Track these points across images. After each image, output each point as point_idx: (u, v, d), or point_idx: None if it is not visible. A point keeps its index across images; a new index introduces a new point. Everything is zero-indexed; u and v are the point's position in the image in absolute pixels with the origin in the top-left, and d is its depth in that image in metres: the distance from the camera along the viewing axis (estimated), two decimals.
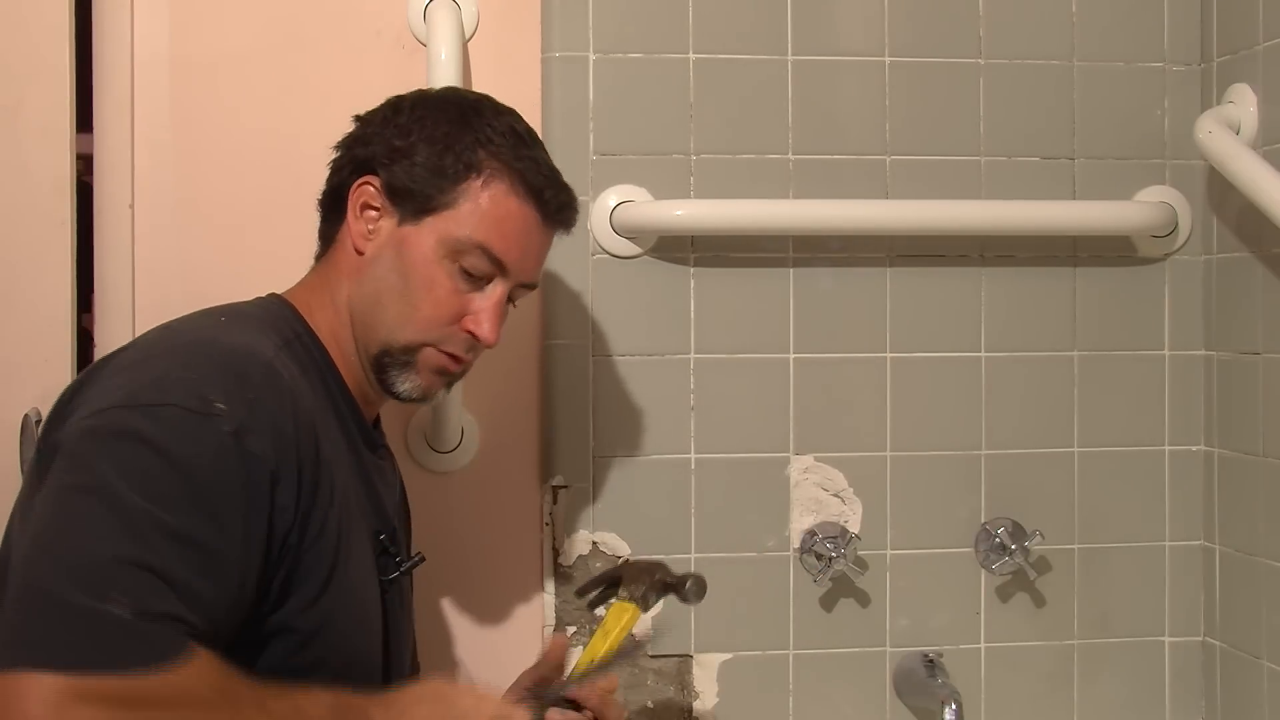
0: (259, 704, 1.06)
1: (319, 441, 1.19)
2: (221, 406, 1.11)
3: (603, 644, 1.35)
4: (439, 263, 1.29)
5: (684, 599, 1.43)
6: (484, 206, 1.29)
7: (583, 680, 1.32)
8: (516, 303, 1.38)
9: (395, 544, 1.35)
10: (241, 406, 1.12)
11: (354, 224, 1.32)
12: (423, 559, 1.39)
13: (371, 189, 1.31)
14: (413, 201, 1.30)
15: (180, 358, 1.16)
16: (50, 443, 1.14)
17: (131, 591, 1.01)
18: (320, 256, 1.38)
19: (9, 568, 1.08)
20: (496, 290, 1.32)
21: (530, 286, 1.37)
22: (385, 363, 1.31)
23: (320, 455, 1.19)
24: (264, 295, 1.36)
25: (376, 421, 1.42)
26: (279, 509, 1.13)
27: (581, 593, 1.51)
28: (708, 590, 1.45)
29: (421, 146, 1.30)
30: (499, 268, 1.31)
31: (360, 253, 1.32)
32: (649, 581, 1.40)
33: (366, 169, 1.32)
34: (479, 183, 1.29)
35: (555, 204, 1.34)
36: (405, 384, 1.32)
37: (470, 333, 1.31)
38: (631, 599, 1.38)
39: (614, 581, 1.45)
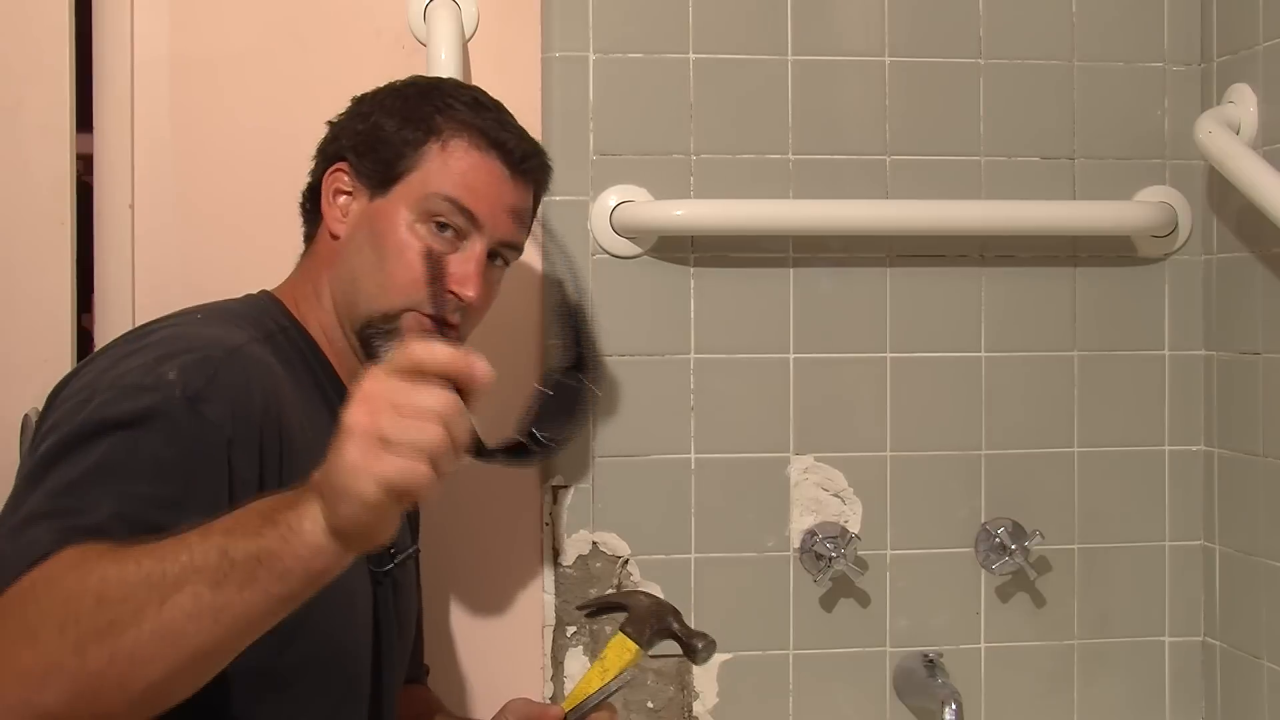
0: (118, 562, 0.94)
1: (292, 427, 1.18)
2: (173, 377, 1.09)
3: (599, 679, 1.33)
4: (411, 227, 1.30)
5: (691, 658, 1.39)
6: (448, 163, 1.31)
7: (576, 714, 1.31)
8: (508, 263, 1.38)
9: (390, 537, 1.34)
10: (198, 378, 1.10)
11: (328, 211, 1.34)
12: (416, 550, 1.38)
13: (342, 174, 1.34)
14: (378, 175, 1.32)
15: (144, 354, 1.15)
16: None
17: (36, 532, 0.97)
18: (305, 251, 1.39)
19: None
20: (475, 247, 1.31)
21: (514, 247, 1.36)
22: (369, 335, 1.30)
23: (292, 441, 1.17)
24: (254, 292, 1.36)
25: None
26: (240, 481, 1.10)
27: (583, 608, 1.49)
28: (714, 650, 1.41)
29: (383, 122, 1.33)
30: (471, 221, 1.31)
31: (336, 237, 1.33)
32: (657, 626, 1.37)
33: (336, 159, 1.35)
34: (438, 144, 1.31)
35: (520, 153, 1.34)
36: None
37: (452, 293, 1.30)
38: (637, 639, 1.36)
39: (620, 607, 1.41)
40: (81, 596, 0.91)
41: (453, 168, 1.31)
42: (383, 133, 1.32)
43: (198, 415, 1.08)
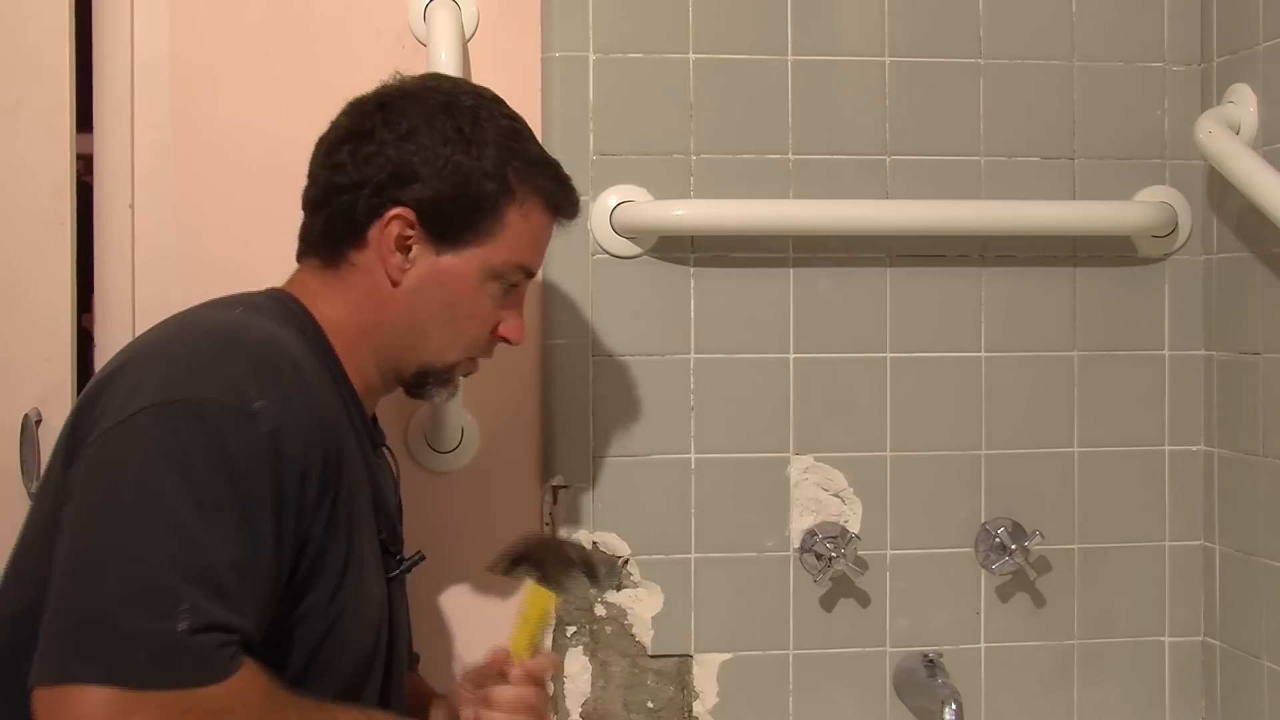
0: (301, 713, 1.11)
1: (340, 438, 1.20)
2: (260, 405, 1.11)
3: (524, 632, 1.34)
4: (482, 287, 1.32)
5: (594, 582, 1.41)
6: (523, 229, 1.33)
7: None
8: None
9: (395, 542, 1.37)
10: (276, 403, 1.12)
11: (389, 259, 1.29)
12: (423, 558, 1.39)
13: (404, 221, 1.28)
14: (452, 231, 1.30)
15: (210, 350, 1.16)
16: (79, 442, 1.13)
17: (186, 606, 1.02)
18: (324, 266, 1.33)
19: (35, 571, 1.10)
20: (521, 293, 1.38)
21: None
22: (426, 380, 1.35)
23: (340, 452, 1.19)
24: (263, 290, 1.35)
25: (374, 418, 1.42)
26: (305, 508, 1.14)
27: (492, 569, 1.45)
28: (620, 572, 1.42)
29: (446, 175, 1.28)
30: (529, 276, 1.37)
31: (396, 284, 1.30)
32: (556, 562, 1.38)
33: (392, 199, 1.28)
34: (516, 210, 1.32)
35: (571, 212, 1.39)
36: (442, 395, 1.38)
37: (504, 338, 1.37)
38: (544, 583, 1.37)
39: (524, 557, 1.41)
40: None
41: (525, 234, 1.33)
42: (449, 187, 1.28)
43: (280, 452, 1.11)
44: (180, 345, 1.18)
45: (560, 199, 1.37)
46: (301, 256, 1.37)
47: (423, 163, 1.29)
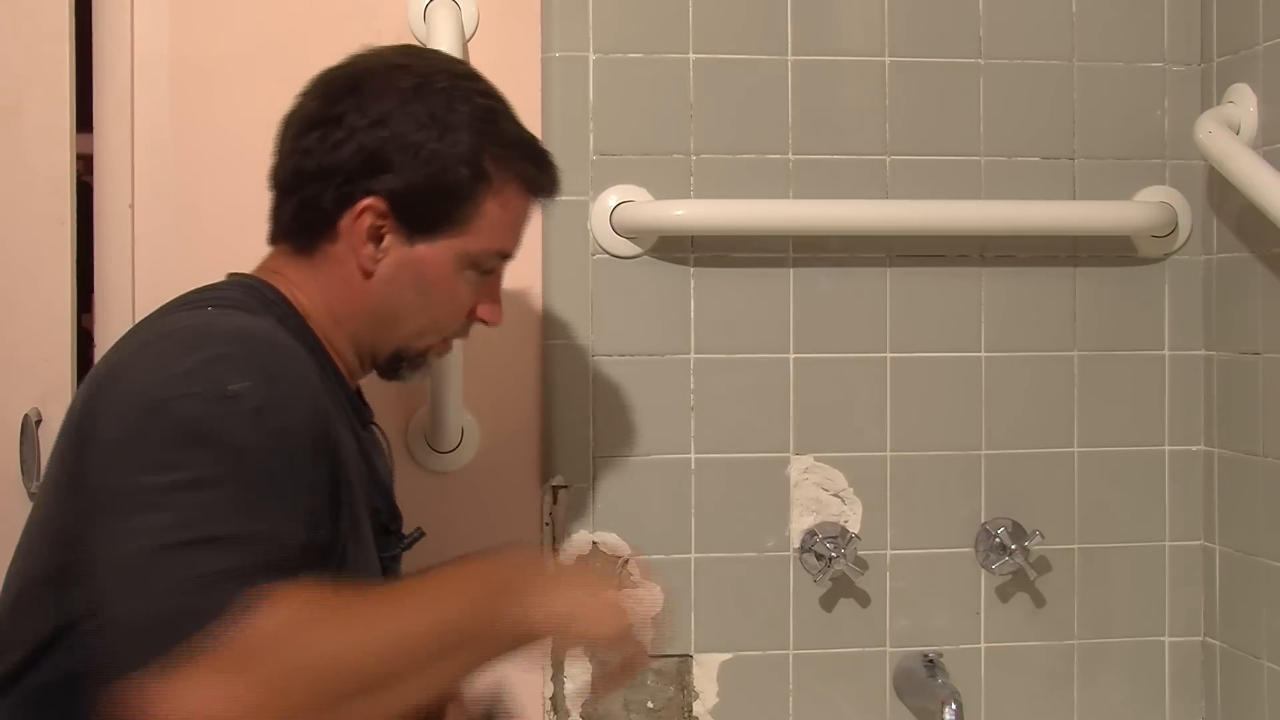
0: (358, 611, 1.04)
1: (328, 418, 1.17)
2: (235, 387, 1.07)
3: None
4: (459, 274, 1.29)
5: None
6: (500, 217, 1.29)
7: None
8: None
9: (395, 519, 1.35)
10: (261, 384, 1.08)
11: (360, 249, 1.26)
12: (422, 534, 1.38)
13: (375, 212, 1.25)
14: (426, 221, 1.26)
15: (186, 355, 1.12)
16: (74, 465, 1.11)
17: (194, 575, 0.98)
18: (296, 253, 1.30)
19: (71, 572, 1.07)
20: (500, 274, 1.35)
21: None
22: (400, 363, 1.33)
23: (328, 432, 1.16)
24: (227, 280, 1.31)
25: (359, 392, 1.40)
26: (311, 483, 1.10)
27: None
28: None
29: (420, 164, 1.25)
30: (506, 259, 1.35)
31: (368, 275, 1.27)
32: None
33: (361, 189, 1.25)
34: (493, 198, 1.28)
35: (550, 190, 1.35)
36: (415, 376, 1.36)
37: (481, 320, 1.35)
38: None
39: None
40: (335, 663, 0.98)
41: (503, 220, 1.30)
42: (423, 176, 1.24)
43: (269, 427, 1.07)
44: (156, 355, 1.14)
45: (539, 180, 1.33)
46: (274, 240, 1.33)
47: (395, 151, 1.24)
